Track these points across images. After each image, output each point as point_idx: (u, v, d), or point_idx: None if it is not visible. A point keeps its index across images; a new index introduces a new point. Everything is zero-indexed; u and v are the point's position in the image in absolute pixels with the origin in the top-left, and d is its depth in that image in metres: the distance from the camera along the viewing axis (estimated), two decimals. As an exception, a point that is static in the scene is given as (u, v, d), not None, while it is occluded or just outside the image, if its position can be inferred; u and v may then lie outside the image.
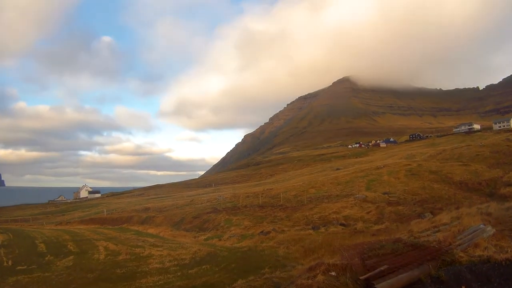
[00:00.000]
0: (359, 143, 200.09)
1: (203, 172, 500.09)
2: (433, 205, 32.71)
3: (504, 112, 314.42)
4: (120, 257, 18.86)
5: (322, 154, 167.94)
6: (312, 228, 26.34)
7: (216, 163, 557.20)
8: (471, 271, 7.45)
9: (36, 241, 25.29)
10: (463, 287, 7.09)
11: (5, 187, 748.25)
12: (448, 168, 51.55)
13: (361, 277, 7.20)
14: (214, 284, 12.44)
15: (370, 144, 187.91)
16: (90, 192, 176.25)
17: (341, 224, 27.68)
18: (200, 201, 55.89)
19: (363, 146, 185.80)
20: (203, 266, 15.49)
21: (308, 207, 36.20)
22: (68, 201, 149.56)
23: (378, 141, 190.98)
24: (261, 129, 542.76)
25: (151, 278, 14.03)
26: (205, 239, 27.92)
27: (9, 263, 18.09)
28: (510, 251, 8.10)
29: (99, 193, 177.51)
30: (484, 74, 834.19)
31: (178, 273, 14.61)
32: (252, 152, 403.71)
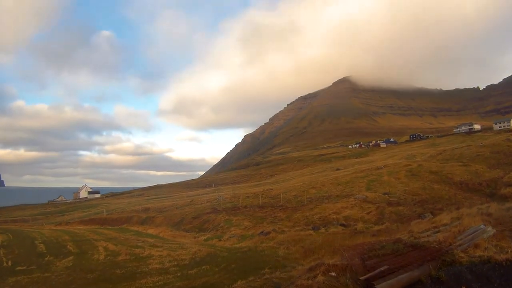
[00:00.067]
0: (359, 144, 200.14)
1: (203, 172, 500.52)
2: (434, 206, 32.69)
3: (505, 112, 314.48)
4: (120, 258, 18.85)
5: (322, 155, 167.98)
6: (312, 229, 26.31)
7: (216, 163, 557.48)
8: (472, 272, 7.43)
9: (36, 242, 25.27)
10: (464, 288, 7.08)
11: (5, 187, 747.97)
12: (449, 169, 51.52)
13: (361, 278, 7.19)
14: (214, 285, 12.42)
15: (370, 145, 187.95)
16: (90, 193, 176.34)
17: (341, 225, 27.67)
18: (200, 202, 55.87)
19: (363, 147, 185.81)
20: (203, 267, 15.47)
21: (308, 208, 36.18)
22: (68, 202, 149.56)
23: (378, 141, 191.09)
24: (261, 129, 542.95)
25: (151, 279, 14.01)
26: (205, 240, 27.90)
27: (9, 264, 18.08)
28: (511, 252, 8.09)
29: (99, 194, 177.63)
30: (485, 74, 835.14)
31: (178, 274, 14.59)
32: (252, 152, 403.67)
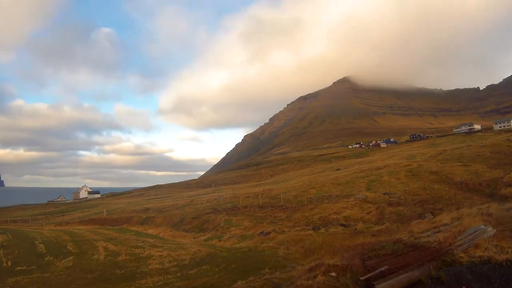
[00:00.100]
0: (360, 144, 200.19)
1: (203, 173, 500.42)
2: (434, 206, 32.67)
3: (505, 112, 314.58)
4: (120, 258, 18.82)
5: (322, 155, 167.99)
6: (312, 229, 26.30)
7: (216, 164, 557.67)
8: (472, 272, 7.42)
9: (36, 242, 25.22)
10: (464, 288, 7.06)
11: (5, 188, 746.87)
12: (449, 169, 51.50)
13: (362, 278, 7.18)
14: (214, 285, 12.40)
15: (371, 145, 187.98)
16: (90, 193, 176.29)
17: (342, 225, 27.67)
18: (200, 202, 55.86)
19: (364, 147, 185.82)
20: (203, 267, 15.45)
21: (308, 208, 36.17)
22: (68, 202, 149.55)
23: (379, 142, 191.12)
24: (261, 130, 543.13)
25: (151, 279, 13.99)
26: (205, 240, 27.89)
27: (9, 264, 18.05)
28: (511, 252, 8.08)
29: (99, 194, 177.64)
30: (485, 74, 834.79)
31: (178, 274, 14.57)
32: (252, 153, 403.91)
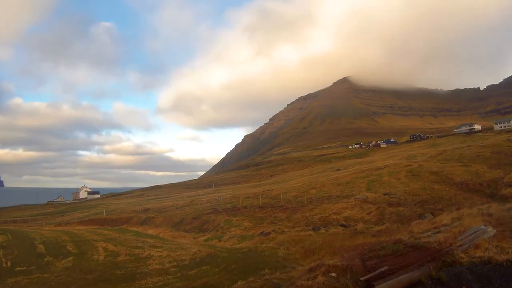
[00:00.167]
0: (360, 144, 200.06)
1: (203, 173, 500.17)
2: (434, 206, 32.65)
3: (505, 113, 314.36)
4: (120, 258, 18.81)
5: (323, 155, 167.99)
6: (313, 229, 26.29)
7: (216, 164, 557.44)
8: (472, 272, 7.40)
9: (35, 242, 25.20)
10: (464, 288, 7.04)
11: (4, 188, 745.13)
12: (449, 169, 51.49)
13: (362, 278, 7.16)
14: (214, 285, 12.39)
15: (371, 145, 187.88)
16: (89, 193, 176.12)
17: (342, 225, 27.65)
18: (200, 202, 55.83)
19: (364, 147, 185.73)
20: (203, 267, 15.44)
21: (309, 208, 36.16)
22: (67, 202, 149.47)
23: (379, 142, 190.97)
24: (261, 130, 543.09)
25: (151, 279, 13.97)
26: (205, 240, 27.87)
27: (8, 264, 18.03)
28: (511, 252, 8.05)
29: (99, 194, 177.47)
30: (485, 74, 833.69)
31: (178, 274, 14.56)
32: (252, 153, 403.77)
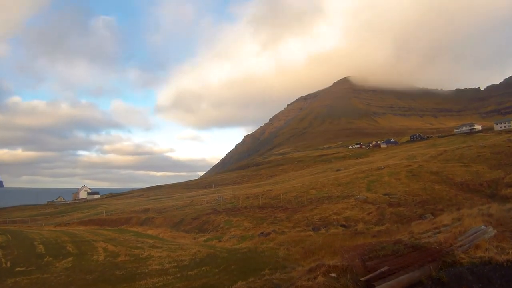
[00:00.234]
0: (360, 144, 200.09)
1: (203, 173, 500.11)
2: (434, 206, 32.66)
3: (506, 113, 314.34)
4: (119, 259, 18.79)
5: (323, 155, 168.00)
6: (313, 229, 26.27)
7: (216, 164, 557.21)
8: (472, 273, 7.37)
9: (35, 242, 25.16)
10: (464, 289, 7.02)
11: (4, 188, 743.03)
12: (449, 169, 51.47)
13: (362, 279, 7.14)
14: (214, 286, 12.36)
15: (371, 145, 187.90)
16: (89, 193, 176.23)
17: (342, 225, 27.64)
18: (200, 202, 55.82)
19: (364, 147, 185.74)
20: (203, 268, 15.40)
21: (309, 208, 36.15)
22: (67, 202, 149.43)
23: (379, 142, 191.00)
24: (261, 130, 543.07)
25: (151, 280, 13.95)
26: (205, 240, 27.84)
27: (8, 265, 18.01)
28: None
29: (98, 194, 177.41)
30: (485, 75, 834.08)
31: (178, 275, 14.53)
32: (252, 153, 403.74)
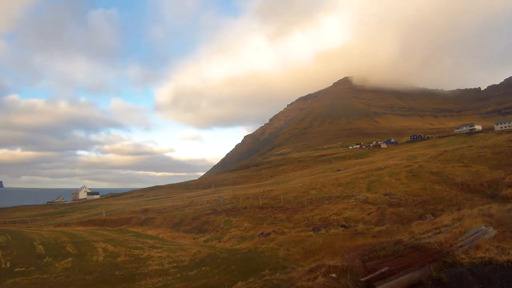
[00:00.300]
0: (360, 144, 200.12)
1: (203, 173, 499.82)
2: (434, 207, 32.63)
3: (506, 113, 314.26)
4: (119, 259, 18.77)
5: (323, 155, 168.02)
6: (313, 230, 26.24)
7: (216, 164, 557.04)
8: (473, 273, 7.35)
9: (35, 243, 25.14)
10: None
11: (3, 188, 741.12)
12: (450, 169, 51.45)
13: (362, 279, 7.11)
14: (214, 286, 12.33)
15: (371, 145, 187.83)
16: (89, 194, 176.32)
17: (342, 226, 27.61)
18: (200, 203, 55.80)
19: (364, 147, 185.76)
20: (203, 268, 15.37)
21: (309, 209, 36.12)
22: (67, 203, 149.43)
23: (379, 142, 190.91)
24: (261, 130, 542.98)
25: (150, 280, 13.93)
26: (205, 241, 27.82)
27: (7, 265, 17.99)
28: (512, 253, 8.00)
29: (98, 195, 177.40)
30: (486, 75, 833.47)
31: (178, 275, 14.51)
32: (252, 153, 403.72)
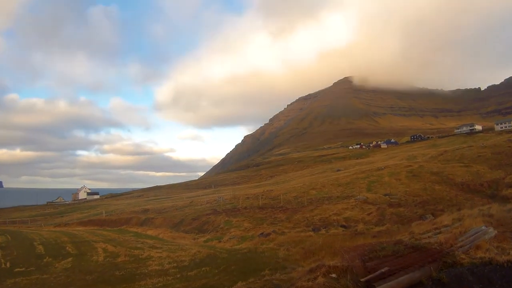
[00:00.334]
0: (360, 144, 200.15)
1: (203, 173, 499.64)
2: (434, 207, 32.62)
3: (506, 113, 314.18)
4: (119, 259, 18.75)
5: (323, 155, 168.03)
6: (313, 230, 26.23)
7: (216, 164, 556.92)
8: (473, 273, 7.34)
9: (35, 243, 25.13)
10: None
11: (3, 189, 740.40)
12: (450, 169, 51.44)
13: (362, 279, 7.11)
14: (214, 286, 12.32)
15: (371, 145, 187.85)
16: (89, 194, 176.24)
17: (342, 226, 27.60)
18: (200, 203, 55.79)
19: (364, 147, 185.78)
20: (203, 268, 15.36)
21: (309, 209, 36.12)
22: (67, 203, 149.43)
23: (379, 142, 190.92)
24: (261, 130, 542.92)
25: (150, 280, 13.91)
26: (205, 241, 27.81)
27: (7, 265, 17.99)
28: (513, 253, 7.99)
29: (98, 195, 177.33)
30: (486, 75, 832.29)
31: (178, 275, 14.50)
32: (252, 153, 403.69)
